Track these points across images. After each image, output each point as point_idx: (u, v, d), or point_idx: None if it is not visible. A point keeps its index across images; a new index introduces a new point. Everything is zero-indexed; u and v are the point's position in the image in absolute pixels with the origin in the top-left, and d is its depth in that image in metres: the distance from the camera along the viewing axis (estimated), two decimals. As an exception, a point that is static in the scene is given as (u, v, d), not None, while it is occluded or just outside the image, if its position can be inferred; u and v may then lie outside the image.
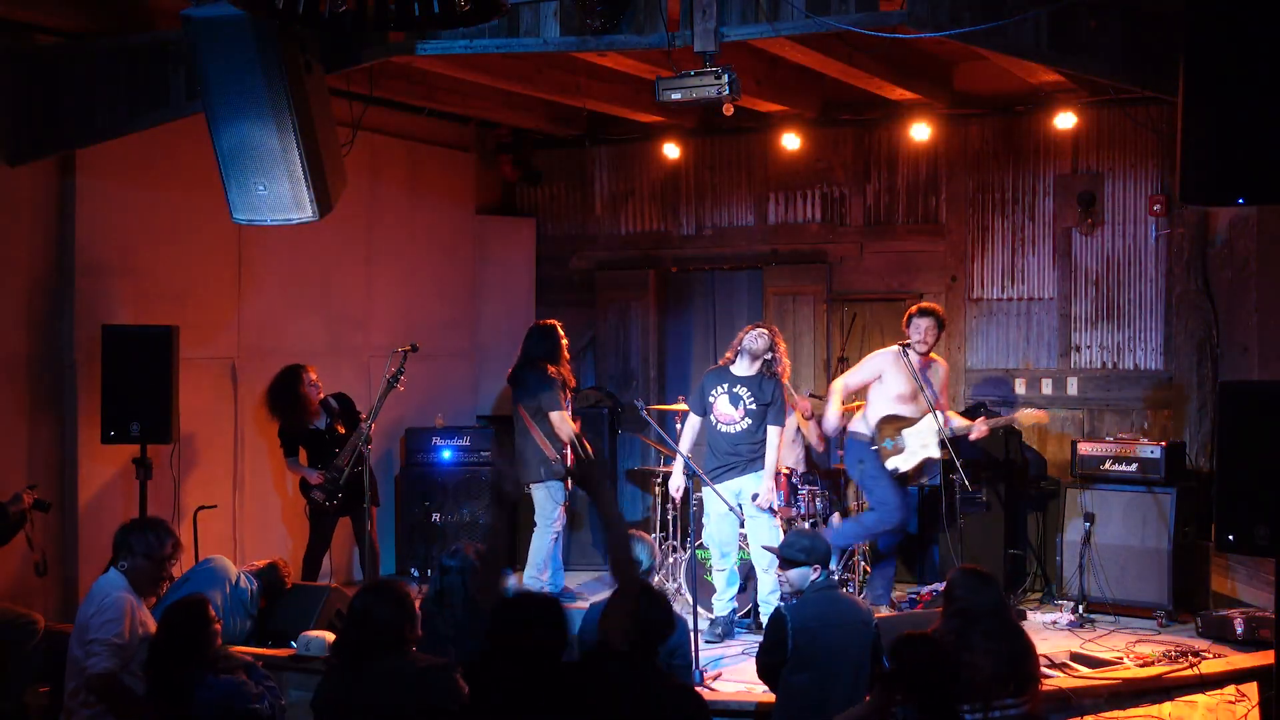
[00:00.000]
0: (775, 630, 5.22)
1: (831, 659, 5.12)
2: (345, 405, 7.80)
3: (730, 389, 7.20)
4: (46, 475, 6.89)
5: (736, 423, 7.16)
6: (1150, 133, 8.19)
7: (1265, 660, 5.92)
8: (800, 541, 5.45)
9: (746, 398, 7.16)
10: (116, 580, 5.08)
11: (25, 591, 6.58)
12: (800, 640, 5.10)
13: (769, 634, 5.29)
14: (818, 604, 5.28)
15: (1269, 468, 5.00)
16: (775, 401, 7.16)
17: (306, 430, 7.64)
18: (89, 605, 5.05)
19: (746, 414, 7.16)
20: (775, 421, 7.16)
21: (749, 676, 6.39)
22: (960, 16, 5.70)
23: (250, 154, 5.91)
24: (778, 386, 7.21)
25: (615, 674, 4.07)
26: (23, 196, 6.84)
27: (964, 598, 4.74)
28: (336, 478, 7.50)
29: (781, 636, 5.13)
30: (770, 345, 7.21)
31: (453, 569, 5.17)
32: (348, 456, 7.49)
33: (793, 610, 5.21)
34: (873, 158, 9.31)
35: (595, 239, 10.22)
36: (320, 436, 7.67)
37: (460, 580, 5.12)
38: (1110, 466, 7.72)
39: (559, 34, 6.18)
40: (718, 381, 7.26)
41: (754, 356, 7.18)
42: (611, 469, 9.50)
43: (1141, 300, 8.51)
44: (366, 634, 4.17)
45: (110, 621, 4.95)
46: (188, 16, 5.78)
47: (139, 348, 6.83)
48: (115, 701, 4.88)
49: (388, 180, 9.13)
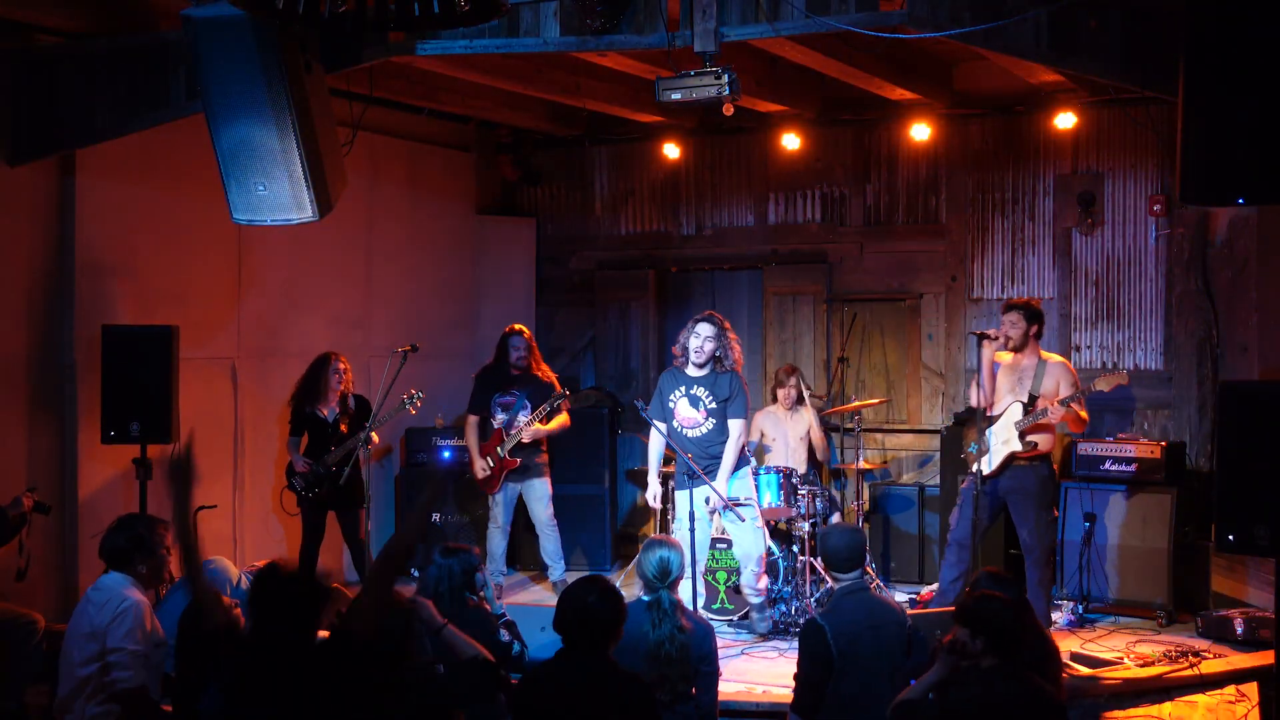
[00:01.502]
0: (814, 643, 4.88)
1: (874, 662, 4.90)
2: (360, 406, 7.76)
3: (688, 390, 6.96)
4: (46, 475, 6.89)
5: (700, 425, 6.94)
6: (1150, 133, 8.19)
7: (1265, 660, 5.92)
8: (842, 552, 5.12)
9: (705, 398, 6.92)
10: (124, 582, 5.04)
11: (26, 592, 6.58)
12: (841, 646, 4.83)
13: (808, 648, 4.91)
14: (852, 607, 5.00)
15: (1269, 468, 5.00)
16: (734, 395, 6.89)
17: (312, 414, 7.65)
18: (100, 612, 4.97)
19: (709, 414, 6.92)
20: (735, 414, 6.89)
21: (749, 676, 6.40)
22: (960, 16, 5.70)
23: (250, 154, 5.91)
24: (734, 379, 6.92)
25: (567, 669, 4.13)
26: (23, 196, 6.84)
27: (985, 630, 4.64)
28: (320, 472, 7.51)
29: (822, 648, 4.84)
30: (715, 346, 6.90)
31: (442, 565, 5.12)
32: (337, 456, 7.50)
33: (828, 619, 4.93)
34: (873, 158, 9.31)
35: (595, 239, 10.22)
36: (323, 426, 7.66)
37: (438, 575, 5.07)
38: (1110, 466, 7.71)
39: (559, 34, 6.18)
40: (674, 385, 7.01)
41: (700, 360, 6.92)
42: (612, 469, 9.50)
43: (1141, 300, 8.51)
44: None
45: (131, 630, 4.90)
46: (188, 16, 5.78)
47: (139, 348, 6.83)
48: (146, 715, 4.88)
49: (388, 180, 9.13)
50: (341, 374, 7.66)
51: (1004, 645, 4.25)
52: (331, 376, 7.62)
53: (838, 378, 9.15)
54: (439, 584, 5.06)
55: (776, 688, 6.13)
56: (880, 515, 8.61)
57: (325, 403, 7.65)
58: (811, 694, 4.88)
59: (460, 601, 5.06)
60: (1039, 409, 6.82)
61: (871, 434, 9.11)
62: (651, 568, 4.98)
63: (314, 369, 7.71)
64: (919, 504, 8.53)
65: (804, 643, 4.97)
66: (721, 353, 6.94)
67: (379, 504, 8.57)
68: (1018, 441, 6.85)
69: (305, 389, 7.70)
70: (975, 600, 4.42)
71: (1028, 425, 6.83)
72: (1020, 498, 6.92)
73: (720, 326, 6.96)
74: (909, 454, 9.13)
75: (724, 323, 7.03)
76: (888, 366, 9.22)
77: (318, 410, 7.66)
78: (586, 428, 9.14)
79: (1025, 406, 6.88)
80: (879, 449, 9.19)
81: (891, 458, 9.17)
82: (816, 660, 4.87)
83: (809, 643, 4.92)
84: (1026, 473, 6.90)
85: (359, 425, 7.62)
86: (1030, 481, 6.91)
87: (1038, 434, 6.89)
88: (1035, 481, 6.92)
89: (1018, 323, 6.97)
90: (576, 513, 8.88)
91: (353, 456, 7.45)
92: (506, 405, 7.97)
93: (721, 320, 7.03)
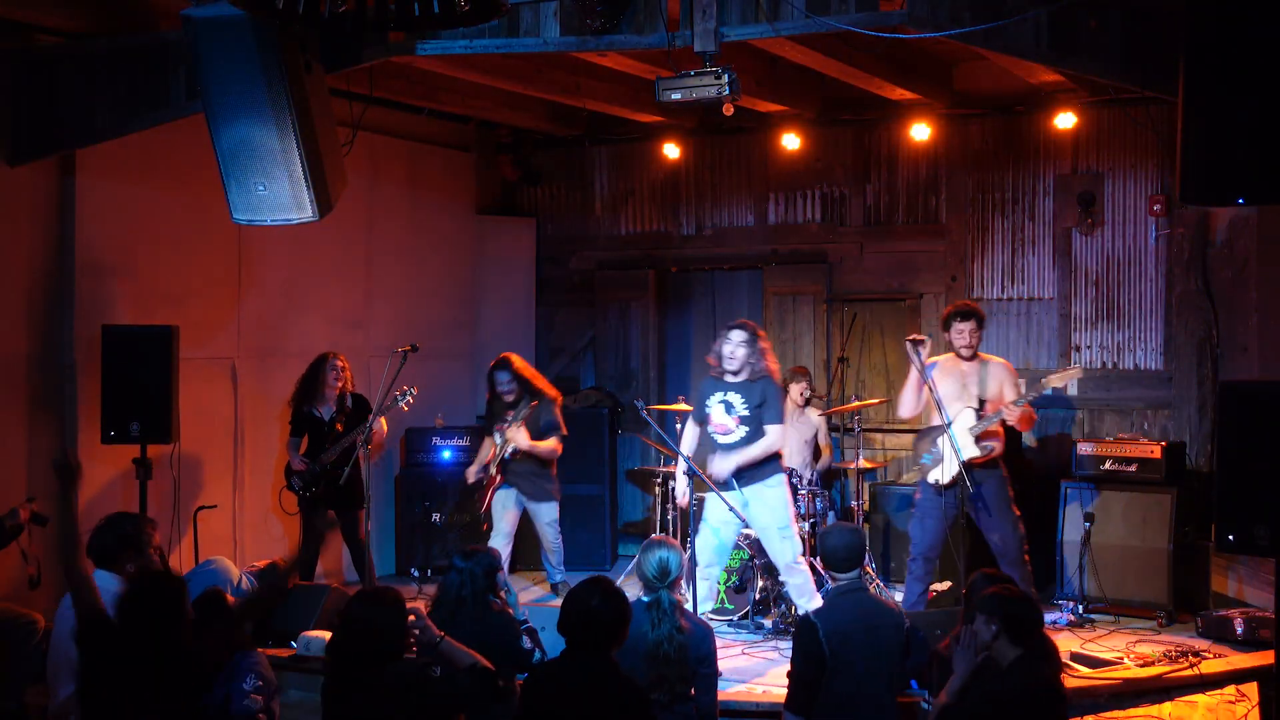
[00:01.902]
0: (807, 641, 4.92)
1: (870, 662, 4.92)
2: (358, 405, 7.74)
3: (723, 397, 6.92)
4: (47, 475, 6.88)
5: (731, 432, 6.89)
6: (1150, 133, 8.19)
7: (1265, 660, 5.92)
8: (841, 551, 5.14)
9: (739, 404, 6.88)
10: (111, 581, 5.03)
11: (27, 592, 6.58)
12: (834, 645, 4.86)
13: (801, 646, 4.97)
14: (846, 607, 5.03)
15: (1269, 468, 5.00)
16: (768, 401, 6.84)
17: (310, 414, 7.65)
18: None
19: (741, 421, 6.87)
20: (771, 420, 6.83)
21: (749, 676, 6.40)
22: (960, 16, 5.70)
23: (250, 154, 5.91)
24: (767, 385, 6.88)
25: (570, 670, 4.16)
26: (23, 196, 6.84)
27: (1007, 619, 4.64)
28: (317, 471, 7.51)
29: (814, 646, 4.87)
30: (748, 353, 6.86)
31: (464, 569, 5.14)
32: (334, 455, 7.50)
33: (820, 616, 4.97)
34: (873, 158, 9.31)
35: (595, 239, 10.22)
36: (320, 425, 7.66)
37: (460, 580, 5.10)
38: (1110, 466, 7.71)
39: (559, 34, 6.18)
40: (712, 390, 6.98)
41: (734, 368, 6.89)
42: (612, 469, 9.51)
43: (1141, 300, 8.51)
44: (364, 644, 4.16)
45: None
46: (188, 16, 5.78)
47: (139, 348, 6.84)
48: None
49: (388, 180, 9.13)
50: (339, 372, 7.66)
51: (1025, 634, 4.35)
52: (329, 375, 7.62)
53: (838, 378, 9.15)
54: (461, 589, 5.07)
55: (776, 688, 6.12)
56: (880, 515, 8.61)
57: (322, 401, 7.66)
58: (804, 691, 4.92)
59: (484, 605, 5.07)
60: (991, 412, 6.91)
61: (871, 434, 9.11)
62: (651, 568, 4.98)
63: (312, 369, 7.72)
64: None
65: (797, 640, 5.04)
66: (754, 359, 6.88)
67: (379, 504, 8.56)
68: (974, 447, 6.90)
69: (303, 389, 7.71)
70: (994, 592, 4.52)
71: (981, 430, 6.90)
72: (983, 504, 6.98)
73: (751, 333, 6.90)
74: (909, 454, 9.12)
75: (756, 330, 6.97)
76: (888, 366, 9.22)
77: (315, 409, 7.66)
78: (586, 428, 9.14)
79: (977, 412, 6.95)
80: (879, 449, 9.19)
81: (891, 458, 9.17)
82: (809, 658, 4.91)
83: (802, 640, 4.98)
84: (985, 477, 6.97)
85: (356, 424, 7.59)
86: (990, 486, 6.98)
87: (991, 439, 6.98)
88: (995, 484, 7.01)
89: (976, 330, 7.10)
90: (577, 513, 8.88)
91: (352, 456, 7.44)
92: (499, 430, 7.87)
93: (754, 328, 6.98)
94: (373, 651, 4.15)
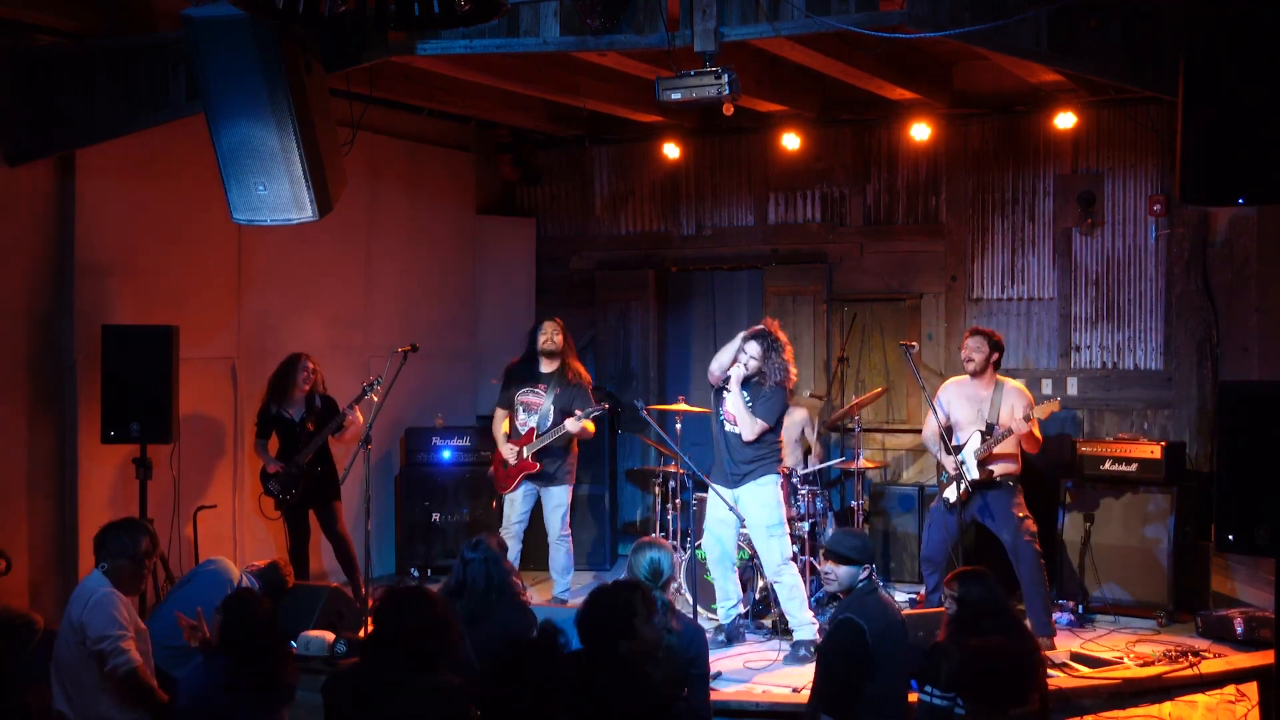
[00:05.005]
0: (850, 642, 4.80)
1: (899, 660, 4.91)
2: (327, 406, 7.67)
3: (741, 389, 6.94)
4: (46, 475, 6.90)
5: (736, 424, 6.97)
6: (1150, 133, 8.20)
7: (1265, 660, 5.92)
8: (850, 540, 5.15)
9: (748, 399, 6.94)
10: (100, 580, 5.15)
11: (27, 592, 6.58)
12: (877, 645, 4.78)
13: (840, 647, 4.85)
14: (876, 605, 4.99)
15: (1269, 468, 5.00)
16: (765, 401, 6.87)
17: (279, 415, 7.59)
18: (77, 608, 5.11)
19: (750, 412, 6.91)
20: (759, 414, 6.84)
21: (749, 676, 6.40)
22: (960, 16, 5.70)
23: (250, 154, 5.91)
24: (775, 394, 6.90)
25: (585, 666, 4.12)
26: (23, 196, 6.84)
27: (964, 597, 4.84)
28: (295, 473, 7.48)
29: (859, 647, 4.76)
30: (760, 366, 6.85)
31: (475, 560, 5.22)
32: (309, 454, 7.49)
33: (864, 616, 4.86)
34: (873, 158, 9.31)
35: (595, 239, 10.22)
36: (291, 427, 7.59)
37: (484, 570, 5.19)
38: (1110, 466, 7.72)
39: (559, 34, 6.18)
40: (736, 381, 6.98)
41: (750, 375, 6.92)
42: (612, 469, 9.50)
43: (1141, 300, 8.51)
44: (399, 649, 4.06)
45: (109, 619, 5.02)
46: (188, 16, 5.78)
47: (139, 348, 6.83)
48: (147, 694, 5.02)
49: (388, 180, 9.13)
50: (310, 374, 7.61)
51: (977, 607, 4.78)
52: (299, 375, 7.57)
53: (837, 378, 9.15)
54: (480, 580, 5.13)
55: (776, 687, 6.14)
56: (880, 515, 8.61)
57: (292, 403, 7.59)
58: (848, 694, 4.79)
59: (507, 593, 5.12)
60: (996, 435, 6.98)
61: (871, 434, 9.11)
62: (642, 569, 5.00)
63: (283, 369, 7.62)
64: (919, 504, 8.53)
65: (839, 642, 4.89)
66: (772, 370, 6.88)
67: (379, 504, 8.55)
68: (976, 471, 6.99)
69: (272, 389, 7.63)
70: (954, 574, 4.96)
71: (984, 453, 6.98)
72: (989, 512, 7.08)
73: (767, 346, 6.89)
74: (909, 454, 9.12)
75: (777, 339, 6.94)
76: (888, 366, 9.22)
77: (284, 411, 7.60)
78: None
79: (983, 435, 7.04)
80: (879, 449, 9.19)
81: (891, 458, 9.17)
82: (852, 659, 4.79)
83: (842, 642, 4.86)
84: (996, 495, 7.05)
85: (323, 422, 7.55)
86: (1001, 502, 7.05)
87: (995, 463, 7.03)
88: (1003, 492, 7.07)
89: (981, 347, 7.17)
90: (576, 512, 8.85)
91: (326, 452, 7.46)
92: (530, 405, 7.74)
93: (774, 337, 6.95)
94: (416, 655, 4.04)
